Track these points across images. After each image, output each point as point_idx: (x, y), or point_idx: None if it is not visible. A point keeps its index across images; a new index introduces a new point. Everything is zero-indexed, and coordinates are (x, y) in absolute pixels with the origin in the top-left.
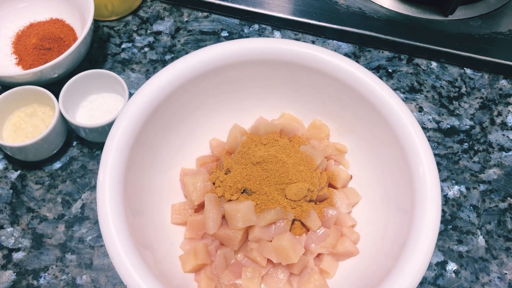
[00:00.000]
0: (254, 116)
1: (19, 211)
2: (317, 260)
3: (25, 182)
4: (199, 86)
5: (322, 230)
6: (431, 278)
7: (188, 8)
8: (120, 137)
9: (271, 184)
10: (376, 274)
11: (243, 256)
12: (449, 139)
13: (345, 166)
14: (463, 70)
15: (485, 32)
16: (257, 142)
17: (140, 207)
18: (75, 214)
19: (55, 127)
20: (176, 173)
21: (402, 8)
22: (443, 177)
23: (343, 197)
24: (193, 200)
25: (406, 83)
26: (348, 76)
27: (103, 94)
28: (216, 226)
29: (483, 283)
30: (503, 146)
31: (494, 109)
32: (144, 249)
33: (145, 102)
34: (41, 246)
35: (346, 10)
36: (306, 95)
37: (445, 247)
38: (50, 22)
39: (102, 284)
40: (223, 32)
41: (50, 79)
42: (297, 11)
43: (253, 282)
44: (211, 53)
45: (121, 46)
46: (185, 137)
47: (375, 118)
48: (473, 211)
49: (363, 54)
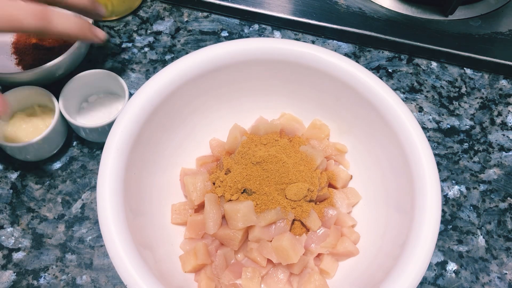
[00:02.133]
0: (254, 116)
1: (19, 211)
2: (317, 260)
3: (25, 182)
4: (199, 86)
5: (322, 230)
6: (431, 278)
7: (188, 8)
8: (120, 137)
9: (271, 184)
10: (376, 274)
11: (243, 256)
12: (449, 139)
13: (345, 166)
14: (463, 70)
15: (485, 32)
16: (257, 142)
17: (140, 207)
18: (75, 214)
19: (55, 127)
20: (176, 173)
21: (402, 8)
22: (443, 177)
23: (343, 197)
24: (193, 200)
25: (406, 83)
26: (348, 76)
27: (103, 94)
28: (216, 226)
29: (483, 283)
30: (503, 146)
31: (494, 109)
32: (144, 249)
33: (145, 102)
34: (41, 246)
35: (346, 10)
36: (306, 95)
37: (445, 247)
38: None
39: (102, 284)
40: (223, 32)
41: (50, 79)
42: (297, 11)
43: (253, 282)
44: (211, 53)
45: (121, 46)
46: (185, 137)
47: (375, 118)
48: (473, 211)
49: (363, 54)
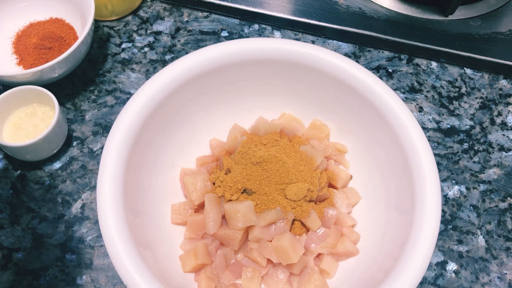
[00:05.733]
0: (254, 116)
1: (19, 211)
2: (317, 260)
3: (25, 182)
4: (199, 86)
5: (322, 230)
6: (431, 278)
7: (188, 8)
8: (120, 137)
9: (271, 184)
10: (376, 274)
11: (243, 256)
12: (449, 139)
13: (345, 166)
14: (463, 70)
15: (485, 32)
16: (257, 142)
17: (140, 207)
18: (75, 214)
19: (55, 127)
20: (176, 173)
21: (402, 8)
22: (443, 177)
23: (343, 197)
24: (193, 200)
25: (406, 83)
26: (348, 76)
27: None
28: (216, 226)
29: (483, 283)
30: (503, 146)
31: (494, 109)
32: (144, 249)
33: (145, 102)
34: (41, 246)
35: (346, 10)
36: (306, 95)
37: (445, 247)
38: (50, 21)
39: (102, 284)
40: (223, 32)
41: (51, 79)
42: (297, 11)
43: (253, 282)
44: (211, 53)
45: (121, 46)
46: (185, 137)
47: (375, 118)
48: (473, 211)
49: (363, 54)
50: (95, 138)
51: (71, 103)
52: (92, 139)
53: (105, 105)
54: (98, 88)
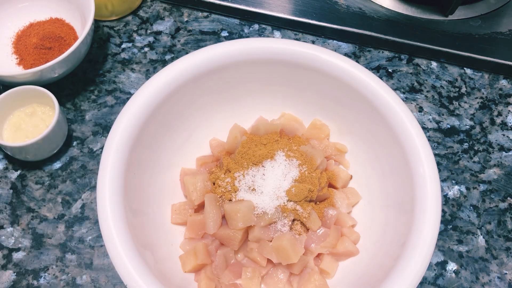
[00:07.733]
0: (254, 116)
1: (19, 211)
2: (317, 260)
3: (25, 182)
4: (199, 86)
5: (322, 230)
6: (431, 278)
7: (188, 8)
8: (120, 137)
9: None
10: (376, 274)
11: (243, 256)
12: (449, 139)
13: (345, 166)
14: (463, 70)
15: (485, 32)
16: (257, 142)
17: (140, 207)
18: (75, 214)
19: (55, 127)
20: (176, 173)
21: (402, 8)
22: (443, 177)
23: (343, 197)
24: (193, 200)
25: (406, 83)
26: (348, 76)
27: None
28: (216, 226)
29: (483, 283)
30: (503, 146)
31: (494, 109)
32: (144, 249)
33: (145, 102)
34: (41, 246)
35: (346, 10)
36: (306, 95)
37: (445, 247)
38: (50, 21)
39: (102, 284)
40: (223, 32)
41: (51, 79)
42: (297, 11)
43: (253, 282)
44: (211, 53)
45: (121, 46)
46: (185, 137)
47: (375, 118)
48: (473, 211)
49: (363, 54)
50: (95, 138)
51: (71, 103)
52: (92, 139)
53: (105, 105)
54: (98, 88)
